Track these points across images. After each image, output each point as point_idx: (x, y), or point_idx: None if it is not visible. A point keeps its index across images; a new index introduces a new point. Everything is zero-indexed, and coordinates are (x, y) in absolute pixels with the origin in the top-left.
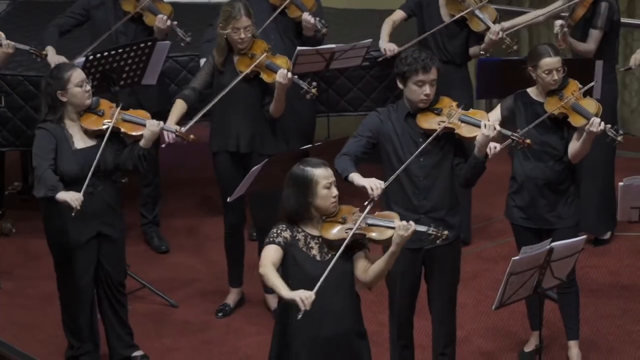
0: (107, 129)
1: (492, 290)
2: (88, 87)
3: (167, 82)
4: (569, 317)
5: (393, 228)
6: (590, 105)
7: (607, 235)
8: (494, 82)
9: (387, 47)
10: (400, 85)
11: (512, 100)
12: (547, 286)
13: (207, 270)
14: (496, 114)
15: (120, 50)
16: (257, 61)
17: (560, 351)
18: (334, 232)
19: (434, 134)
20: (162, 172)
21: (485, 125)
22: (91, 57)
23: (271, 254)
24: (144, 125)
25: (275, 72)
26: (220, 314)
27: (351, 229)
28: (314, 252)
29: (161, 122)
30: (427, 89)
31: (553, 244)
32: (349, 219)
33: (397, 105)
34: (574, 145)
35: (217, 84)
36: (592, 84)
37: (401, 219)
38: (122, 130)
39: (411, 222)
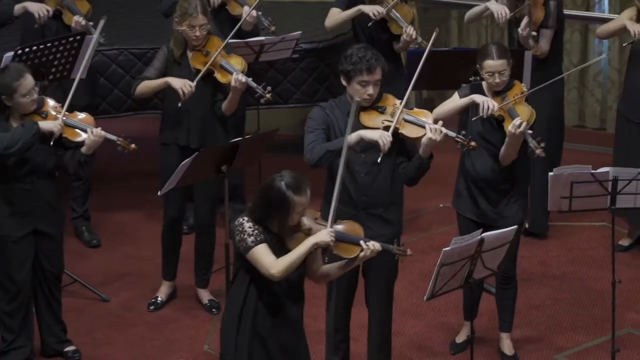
0: (51, 133)
1: (423, 282)
2: (35, 95)
3: (96, 77)
4: (505, 310)
5: (359, 245)
6: (524, 111)
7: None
8: (423, 74)
9: (374, 10)
10: (344, 83)
11: (468, 90)
12: (478, 277)
13: (139, 264)
14: (455, 100)
15: (49, 45)
16: (212, 60)
17: (493, 342)
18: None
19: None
20: (92, 165)
21: (431, 129)
22: (20, 51)
23: (269, 254)
24: (85, 132)
25: (230, 73)
26: (152, 308)
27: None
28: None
29: (103, 131)
30: (371, 89)
31: (484, 234)
32: (315, 228)
33: (340, 101)
34: (502, 148)
35: (170, 75)
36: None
37: (341, 214)
38: (64, 135)
39: (377, 244)
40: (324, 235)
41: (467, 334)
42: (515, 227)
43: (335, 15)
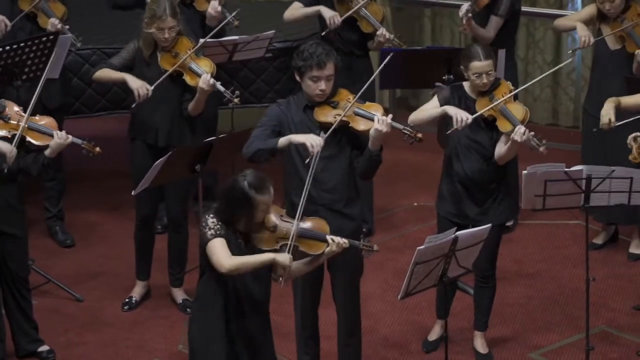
0: (14, 137)
1: (397, 280)
2: None
3: (69, 77)
4: (481, 309)
5: (325, 241)
6: (518, 111)
7: (511, 223)
8: (396, 73)
9: (332, 16)
10: (297, 79)
11: (449, 91)
12: (452, 275)
13: (113, 264)
14: (434, 103)
15: (22, 45)
16: (181, 61)
17: (467, 341)
18: (268, 243)
19: (331, 128)
20: (65, 165)
21: (378, 120)
22: None
23: (225, 248)
24: (51, 136)
25: (199, 76)
26: (126, 308)
27: (285, 239)
28: (242, 246)
29: (70, 136)
30: (322, 85)
31: (458, 232)
32: (281, 226)
33: (297, 97)
34: (500, 148)
35: (139, 73)
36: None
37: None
38: (28, 139)
39: (344, 240)
40: (285, 258)
41: (439, 332)
42: (489, 225)
43: (296, 10)
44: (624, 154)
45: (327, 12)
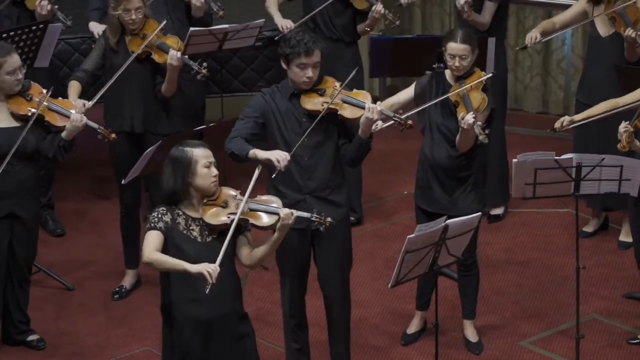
0: (32, 115)
1: (388, 269)
2: (20, 76)
3: (58, 65)
4: (467, 297)
5: (276, 214)
6: (476, 98)
7: (501, 211)
8: (386, 61)
9: (284, 23)
10: (284, 66)
11: (427, 78)
12: (442, 263)
13: (103, 253)
14: (409, 91)
15: (12, 33)
16: (148, 41)
17: (456, 330)
18: (217, 217)
19: (319, 116)
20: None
21: (369, 108)
22: None
23: (154, 241)
24: (69, 117)
25: (167, 53)
26: (116, 296)
27: (234, 214)
28: (195, 233)
29: (84, 117)
30: (310, 72)
31: (448, 221)
32: (231, 202)
33: (282, 85)
34: (457, 136)
35: (110, 64)
36: (488, 74)
37: (287, 199)
38: (46, 119)
39: (293, 211)
40: (207, 266)
41: (418, 324)
42: (479, 214)
43: (271, 4)
44: (615, 143)
45: (278, 22)
